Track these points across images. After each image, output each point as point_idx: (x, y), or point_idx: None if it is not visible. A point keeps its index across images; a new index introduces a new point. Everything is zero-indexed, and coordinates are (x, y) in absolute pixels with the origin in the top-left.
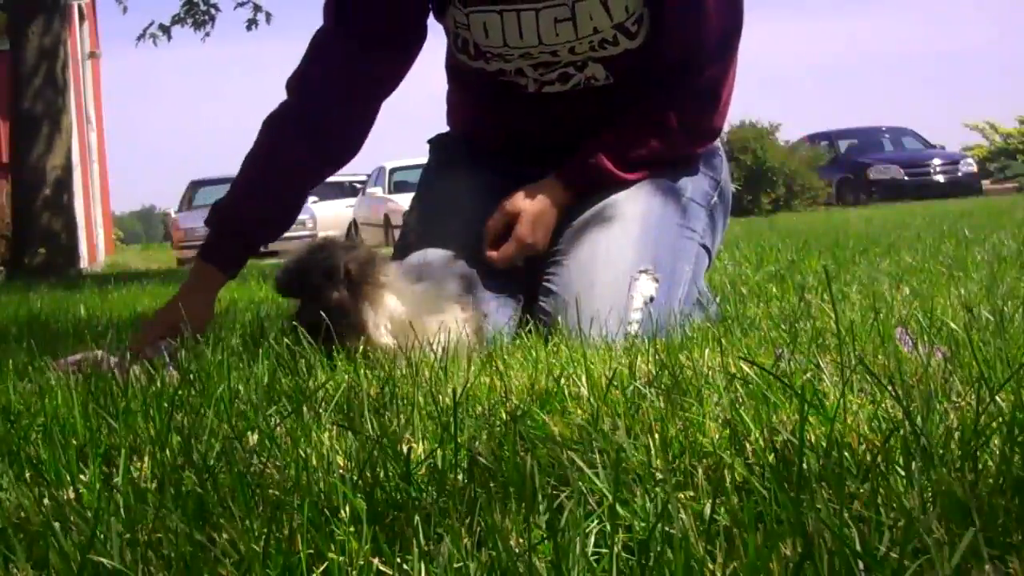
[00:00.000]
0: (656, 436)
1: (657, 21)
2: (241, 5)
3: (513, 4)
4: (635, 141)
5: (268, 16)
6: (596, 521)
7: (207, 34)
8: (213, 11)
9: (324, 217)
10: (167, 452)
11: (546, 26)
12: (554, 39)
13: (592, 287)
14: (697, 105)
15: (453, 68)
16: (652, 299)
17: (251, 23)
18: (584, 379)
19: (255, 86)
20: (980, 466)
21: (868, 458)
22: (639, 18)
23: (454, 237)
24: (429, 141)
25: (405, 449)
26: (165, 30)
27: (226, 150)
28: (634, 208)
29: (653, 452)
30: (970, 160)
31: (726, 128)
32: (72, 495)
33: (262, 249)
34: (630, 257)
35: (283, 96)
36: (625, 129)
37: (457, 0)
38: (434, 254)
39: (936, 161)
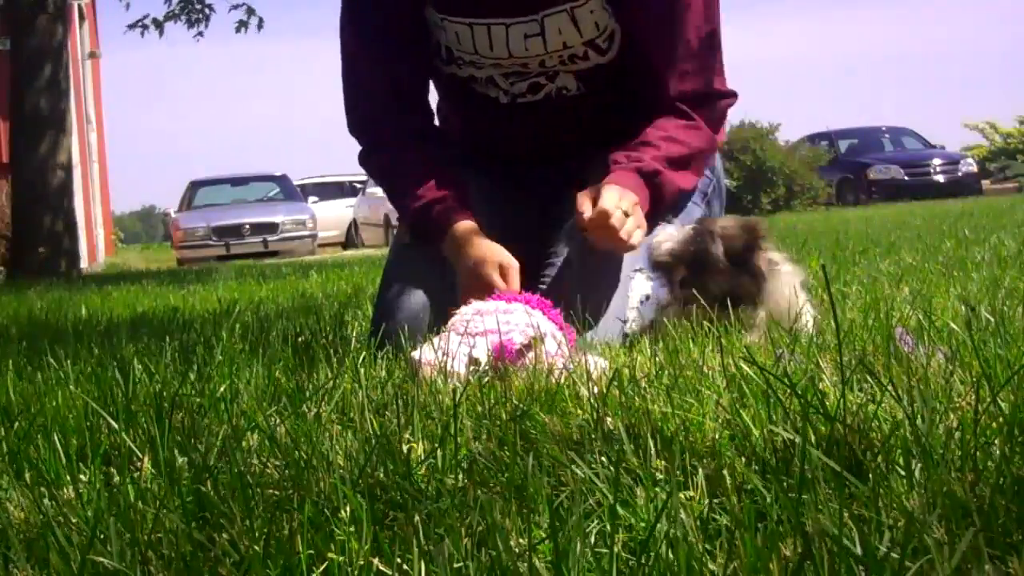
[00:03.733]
0: (656, 436)
1: (630, 37)
2: (236, 7)
3: (483, 18)
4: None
5: (260, 21)
6: (596, 521)
7: (200, 33)
8: (208, 11)
9: (324, 217)
10: (167, 452)
11: (516, 40)
12: (523, 52)
13: (589, 286)
14: (706, 112)
15: (433, 69)
16: (648, 297)
17: (242, 25)
18: (584, 379)
19: (256, 86)
20: (980, 466)
21: (868, 458)
22: (610, 35)
23: None
24: None
25: (405, 449)
26: (158, 25)
27: (226, 150)
28: None
29: (653, 452)
30: (970, 160)
31: (726, 128)
32: (72, 495)
33: (266, 249)
34: (626, 256)
35: (281, 97)
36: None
37: (431, 5)
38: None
39: (936, 161)
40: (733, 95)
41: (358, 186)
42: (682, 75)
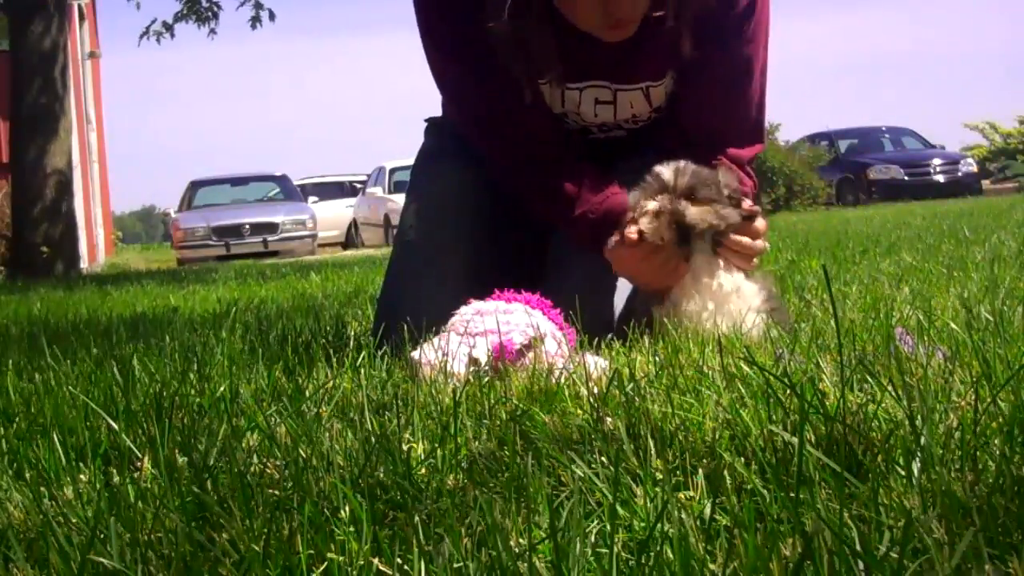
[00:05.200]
0: (656, 436)
1: (683, 91)
2: (243, 4)
3: (560, 82)
4: None
5: (271, 14)
6: (596, 521)
7: (212, 31)
8: (216, 8)
9: (324, 217)
10: (167, 452)
11: (587, 104)
12: (592, 118)
13: (592, 288)
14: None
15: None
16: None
17: (254, 21)
18: (584, 379)
19: (255, 86)
20: (980, 466)
21: (868, 458)
22: (670, 95)
23: (454, 235)
24: (426, 121)
25: (405, 449)
26: (168, 28)
27: (226, 150)
28: None
29: (653, 452)
30: (970, 160)
31: None
32: (72, 495)
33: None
34: None
35: (282, 97)
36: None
37: None
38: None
39: (936, 161)
40: (756, 185)
41: (358, 186)
42: (737, 135)
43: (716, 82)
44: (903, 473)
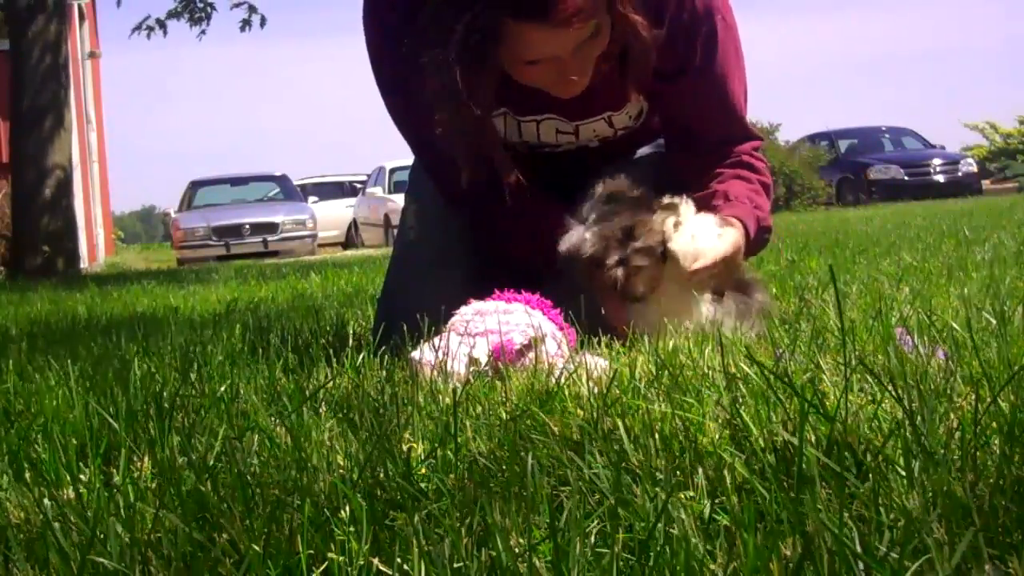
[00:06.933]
0: (656, 436)
1: (660, 104)
2: (237, 6)
3: (515, 115)
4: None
5: (263, 19)
6: (596, 521)
7: (203, 31)
8: (210, 9)
9: (324, 217)
10: (167, 452)
11: (547, 132)
12: (553, 141)
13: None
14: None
15: None
16: None
17: (245, 24)
18: (584, 379)
19: (255, 87)
20: (980, 466)
21: (868, 458)
22: (640, 111)
23: (455, 235)
24: None
25: (405, 449)
26: (161, 24)
27: (226, 150)
28: None
29: (653, 452)
30: (970, 160)
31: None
32: (72, 495)
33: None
34: None
35: (282, 98)
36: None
37: None
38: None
39: (936, 161)
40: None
41: (358, 186)
42: (730, 126)
43: (692, 103)
44: (903, 473)
